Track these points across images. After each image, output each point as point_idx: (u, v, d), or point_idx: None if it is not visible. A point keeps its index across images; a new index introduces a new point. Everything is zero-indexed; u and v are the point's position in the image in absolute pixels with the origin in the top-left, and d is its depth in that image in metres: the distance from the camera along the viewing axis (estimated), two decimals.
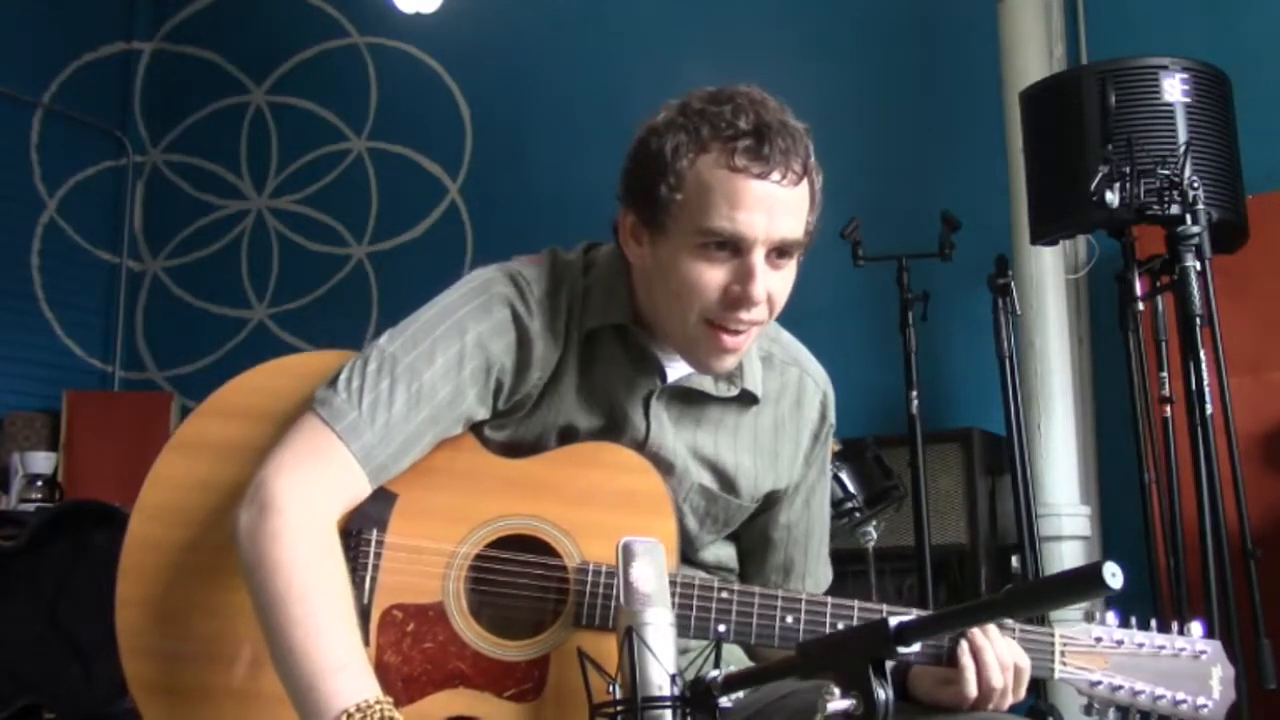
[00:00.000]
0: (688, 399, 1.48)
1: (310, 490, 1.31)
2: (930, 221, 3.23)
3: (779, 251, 1.36)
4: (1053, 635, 1.39)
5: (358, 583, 1.35)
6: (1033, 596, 1.02)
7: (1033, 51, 3.75)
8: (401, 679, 1.34)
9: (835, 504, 2.83)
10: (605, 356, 1.46)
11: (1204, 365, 2.43)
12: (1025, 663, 1.35)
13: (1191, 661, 1.39)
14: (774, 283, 1.37)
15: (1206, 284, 2.48)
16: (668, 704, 1.11)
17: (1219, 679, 1.39)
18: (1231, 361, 2.56)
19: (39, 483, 4.60)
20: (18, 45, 5.35)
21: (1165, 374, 2.73)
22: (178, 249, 5.66)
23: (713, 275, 1.35)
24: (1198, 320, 2.44)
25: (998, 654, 1.33)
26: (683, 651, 1.27)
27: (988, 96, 3.82)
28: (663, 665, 1.13)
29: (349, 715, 1.16)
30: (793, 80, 1.53)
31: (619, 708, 1.13)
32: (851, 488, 2.87)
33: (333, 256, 5.34)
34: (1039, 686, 2.93)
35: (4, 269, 5.27)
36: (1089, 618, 1.41)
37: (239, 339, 5.43)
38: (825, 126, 1.39)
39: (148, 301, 5.67)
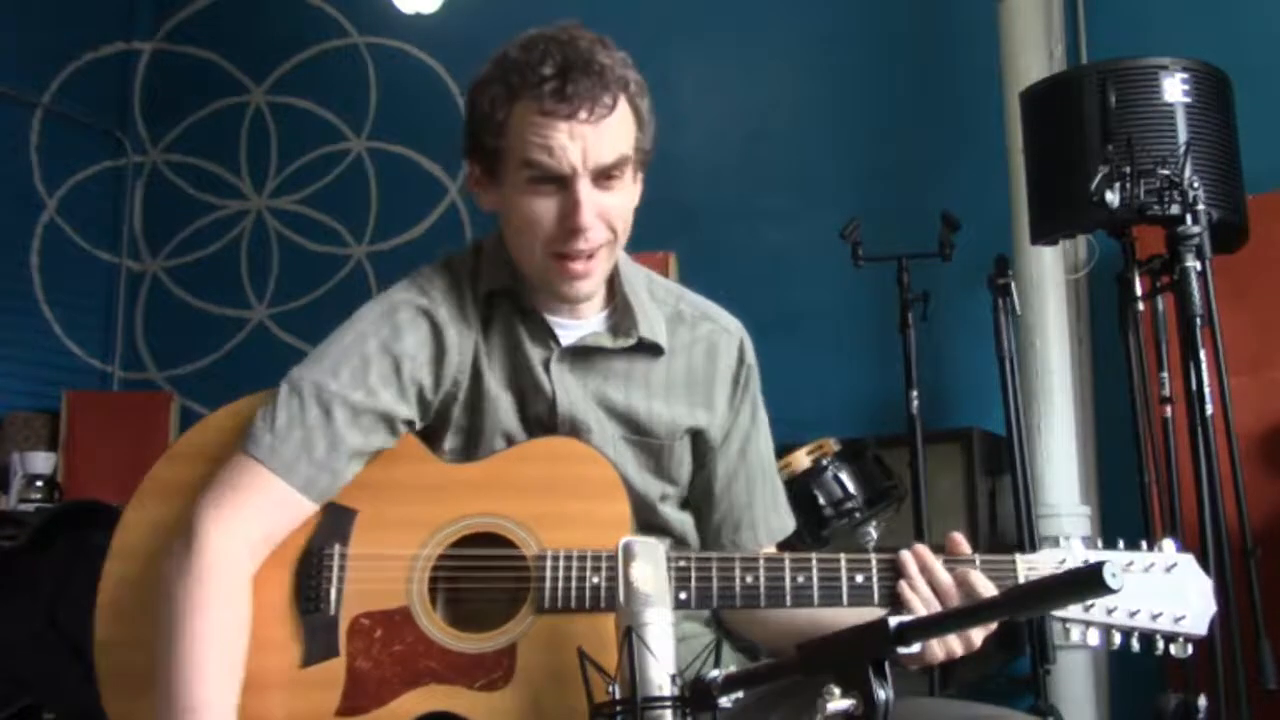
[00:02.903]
0: (586, 356, 1.53)
1: (227, 526, 1.37)
2: (930, 221, 3.24)
3: (604, 175, 1.43)
4: (1014, 559, 1.38)
5: (323, 596, 1.39)
6: (1033, 596, 1.02)
7: (1033, 51, 3.75)
8: (374, 682, 1.37)
9: (835, 504, 2.83)
10: (504, 329, 1.52)
11: (1204, 365, 2.42)
12: (981, 585, 1.34)
13: (1164, 576, 1.37)
14: (607, 203, 1.44)
15: (1206, 284, 2.47)
16: (668, 704, 1.12)
17: (1196, 591, 1.36)
18: (1231, 361, 2.56)
19: (39, 483, 4.60)
20: (18, 45, 5.35)
21: (1165, 374, 2.73)
22: (178, 249, 5.66)
23: (544, 208, 1.43)
24: (1198, 320, 2.43)
25: (934, 582, 1.35)
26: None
27: (988, 96, 3.82)
28: (663, 665, 1.13)
29: None
30: (793, 81, 1.54)
31: (619, 708, 1.13)
32: (851, 488, 2.86)
33: (333, 256, 5.34)
34: (1039, 685, 2.93)
35: (4, 269, 5.27)
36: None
37: (239, 339, 5.43)
38: (825, 127, 1.39)
39: (147, 301, 5.67)
